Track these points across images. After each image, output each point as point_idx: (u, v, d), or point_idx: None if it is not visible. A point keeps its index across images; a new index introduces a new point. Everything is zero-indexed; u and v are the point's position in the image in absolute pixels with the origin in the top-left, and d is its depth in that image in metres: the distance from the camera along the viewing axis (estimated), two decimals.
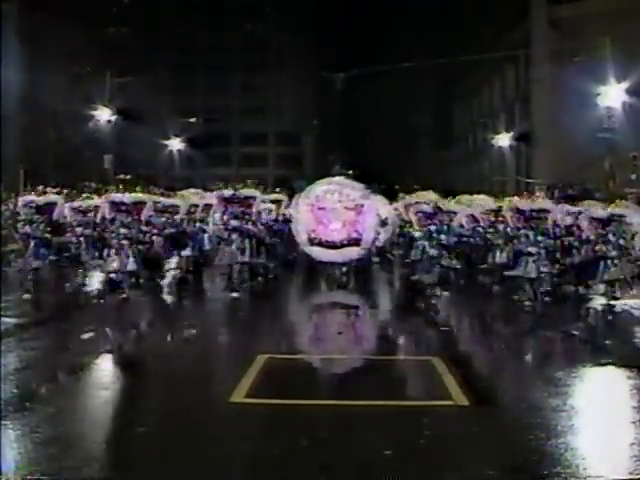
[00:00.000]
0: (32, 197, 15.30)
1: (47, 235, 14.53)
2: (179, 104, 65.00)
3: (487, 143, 53.30)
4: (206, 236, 17.91)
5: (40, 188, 16.57)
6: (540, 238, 13.87)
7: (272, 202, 20.50)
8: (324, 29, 71.93)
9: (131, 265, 13.59)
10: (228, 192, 15.89)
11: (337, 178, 18.84)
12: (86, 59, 47.77)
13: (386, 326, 12.50)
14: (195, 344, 10.15)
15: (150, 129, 50.77)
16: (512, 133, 49.09)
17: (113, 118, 38.89)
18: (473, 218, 17.68)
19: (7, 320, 11.12)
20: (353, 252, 17.11)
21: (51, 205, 15.00)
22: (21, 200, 15.42)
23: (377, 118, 77.86)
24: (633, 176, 33.78)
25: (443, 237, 14.15)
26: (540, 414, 6.51)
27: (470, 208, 18.45)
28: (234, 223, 15.07)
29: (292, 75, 74.53)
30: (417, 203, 16.65)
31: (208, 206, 18.00)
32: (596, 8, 40.15)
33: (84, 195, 17.46)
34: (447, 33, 61.17)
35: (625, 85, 31.31)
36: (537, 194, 17.58)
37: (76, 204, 16.56)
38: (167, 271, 16.50)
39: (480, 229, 17.64)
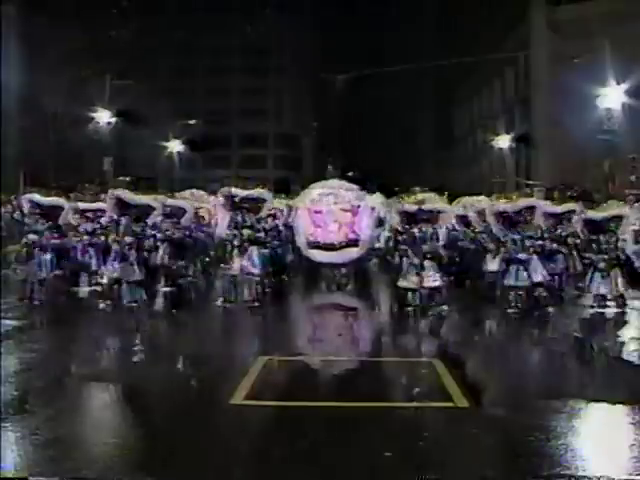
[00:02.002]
0: (37, 197, 14.07)
1: (53, 242, 13.65)
2: (179, 106, 64.98)
3: (487, 144, 53.28)
4: (215, 242, 16.96)
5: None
6: (528, 242, 12.68)
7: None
8: (324, 31, 71.97)
9: (136, 273, 12.93)
10: (236, 191, 14.21)
11: (332, 181, 18.80)
12: (86, 61, 47.73)
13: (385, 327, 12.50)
14: (197, 350, 9.95)
15: (150, 131, 50.75)
16: (512, 134, 49.09)
17: (113, 120, 38.90)
18: (465, 220, 16.55)
19: (8, 322, 11.16)
20: (352, 253, 17.14)
21: (57, 209, 13.95)
22: (24, 198, 14.28)
23: (377, 120, 77.89)
24: (632, 177, 33.79)
25: (426, 246, 12.64)
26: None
27: (461, 208, 17.07)
28: (247, 232, 13.59)
29: (292, 77, 74.61)
30: (400, 203, 14.60)
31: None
32: (595, 10, 40.18)
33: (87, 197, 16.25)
34: (447, 35, 61.17)
35: (624, 87, 31.31)
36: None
37: (82, 205, 15.14)
38: (172, 279, 15.65)
39: (471, 232, 16.45)
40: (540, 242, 13.05)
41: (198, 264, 17.28)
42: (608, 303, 12.83)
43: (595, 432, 6.36)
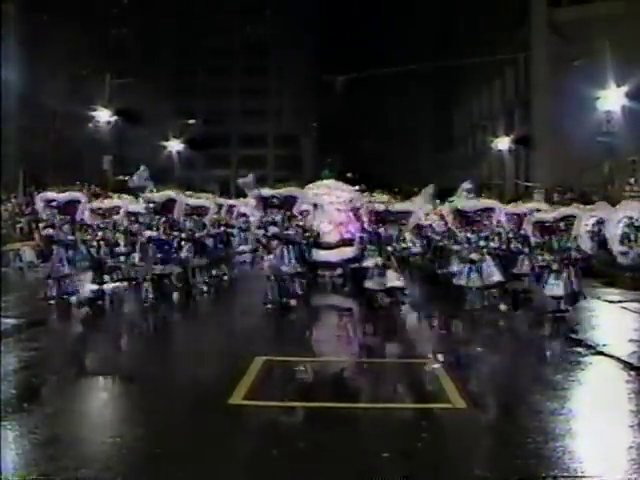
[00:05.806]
0: (52, 194, 13.70)
1: (72, 237, 13.36)
2: (179, 106, 64.99)
3: (486, 146, 53.24)
4: (244, 241, 17.04)
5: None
6: (483, 243, 12.69)
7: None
8: (324, 32, 71.99)
9: (169, 268, 13.06)
10: (266, 192, 13.90)
11: (327, 181, 19.18)
12: (86, 60, 47.75)
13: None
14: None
15: (150, 130, 50.74)
16: (511, 136, 49.04)
17: (113, 119, 38.90)
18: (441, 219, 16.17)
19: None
20: (347, 252, 17.25)
21: (73, 203, 13.59)
22: (39, 197, 13.92)
23: (377, 121, 77.88)
24: (632, 180, 33.76)
25: (391, 247, 12.74)
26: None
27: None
28: (273, 230, 13.45)
29: (292, 77, 74.60)
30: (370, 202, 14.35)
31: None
32: (596, 12, 40.13)
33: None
34: (447, 36, 61.16)
35: (625, 89, 31.30)
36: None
37: (95, 205, 14.72)
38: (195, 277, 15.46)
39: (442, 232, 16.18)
40: (493, 244, 12.94)
41: (222, 264, 17.22)
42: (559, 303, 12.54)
43: None
